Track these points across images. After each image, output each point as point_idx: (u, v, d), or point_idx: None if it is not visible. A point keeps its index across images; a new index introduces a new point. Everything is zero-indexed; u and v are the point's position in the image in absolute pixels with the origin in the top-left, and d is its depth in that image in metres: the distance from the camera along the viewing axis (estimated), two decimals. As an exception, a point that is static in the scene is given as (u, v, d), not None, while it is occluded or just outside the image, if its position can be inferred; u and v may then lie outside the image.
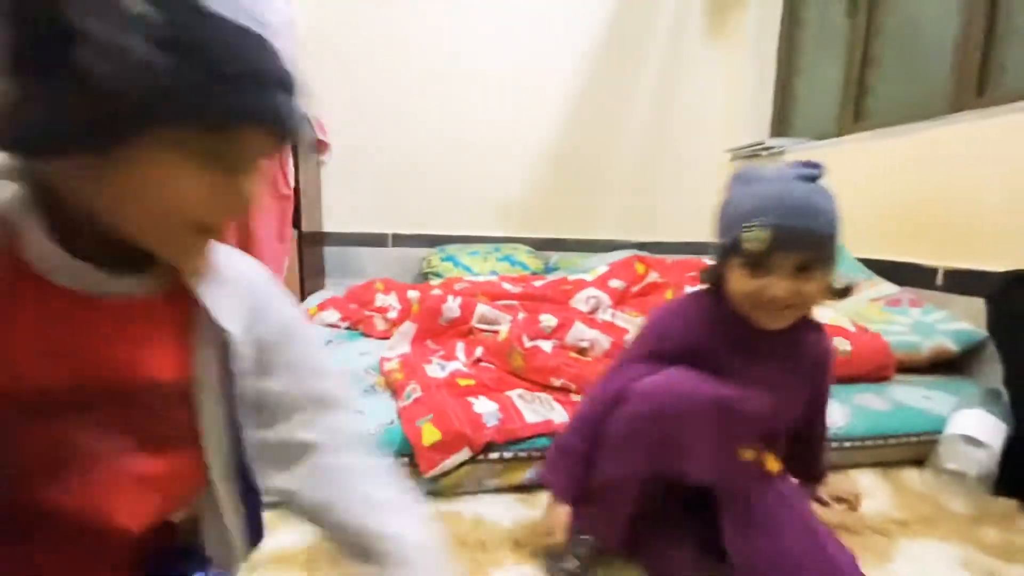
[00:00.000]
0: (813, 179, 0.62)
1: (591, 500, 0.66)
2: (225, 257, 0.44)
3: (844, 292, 0.68)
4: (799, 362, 0.69)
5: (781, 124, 2.49)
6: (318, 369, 0.50)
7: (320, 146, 2.50)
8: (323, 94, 2.47)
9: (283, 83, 0.36)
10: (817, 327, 0.71)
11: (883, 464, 1.03)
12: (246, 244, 2.08)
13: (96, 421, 0.37)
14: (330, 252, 2.60)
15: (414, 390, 0.97)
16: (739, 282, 0.61)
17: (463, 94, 2.56)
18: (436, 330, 1.35)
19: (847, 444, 1.00)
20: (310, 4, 2.41)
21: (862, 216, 1.79)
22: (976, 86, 1.56)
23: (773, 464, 0.65)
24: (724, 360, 0.64)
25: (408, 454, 0.85)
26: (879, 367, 1.25)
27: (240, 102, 0.33)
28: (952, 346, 1.32)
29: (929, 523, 0.85)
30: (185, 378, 0.40)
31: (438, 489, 0.86)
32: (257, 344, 0.45)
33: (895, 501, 0.92)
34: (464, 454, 0.85)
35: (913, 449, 1.03)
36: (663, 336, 0.67)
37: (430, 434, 0.84)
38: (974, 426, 0.97)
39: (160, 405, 0.40)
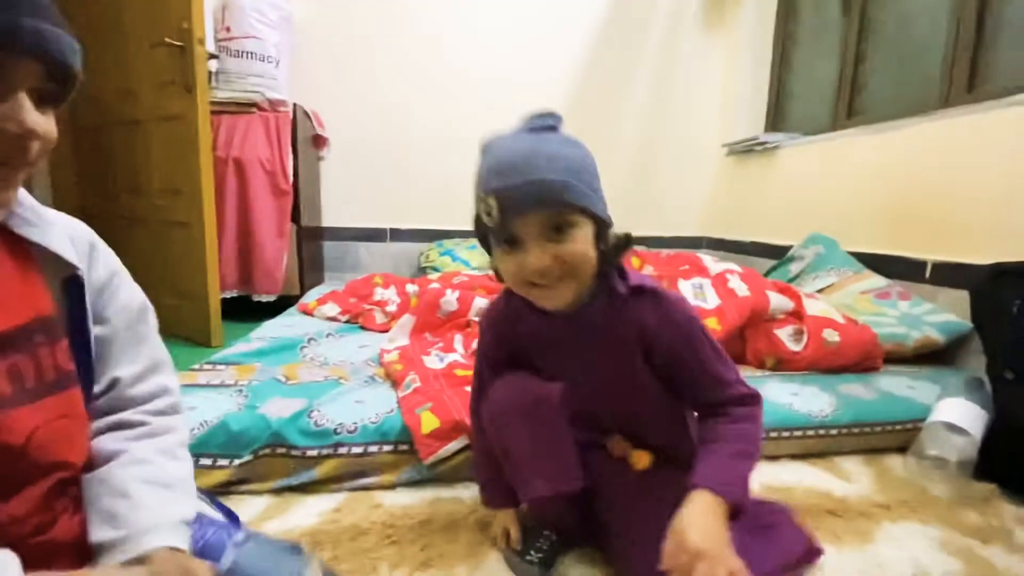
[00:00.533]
0: (545, 129, 0.55)
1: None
2: (44, 209, 0.47)
3: (624, 244, 0.60)
4: (618, 343, 0.62)
5: (776, 119, 2.51)
6: (150, 321, 0.54)
7: (319, 141, 2.52)
8: (322, 91, 2.49)
9: (31, 6, 0.37)
10: (643, 293, 0.61)
11: (867, 451, 1.06)
12: (246, 237, 2.11)
13: (2, 368, 0.40)
14: (329, 247, 2.63)
15: (413, 380, 1.00)
16: (502, 263, 0.57)
17: (460, 89, 2.57)
18: (434, 323, 1.38)
19: (833, 431, 1.04)
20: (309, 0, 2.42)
21: (854, 210, 1.82)
22: (967, 82, 1.58)
23: (640, 458, 0.65)
24: (536, 353, 0.66)
25: (408, 441, 0.88)
26: (866, 358, 1.28)
27: None
28: (938, 337, 1.35)
29: (910, 507, 0.88)
30: (43, 316, 0.44)
31: (438, 475, 0.89)
32: (91, 285, 0.49)
33: (878, 486, 0.95)
34: (462, 441, 0.87)
35: (897, 436, 1.07)
36: (485, 342, 0.71)
37: (429, 422, 0.87)
38: (956, 414, 1.00)
39: (35, 344, 0.42)
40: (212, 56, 1.97)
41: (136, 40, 1.79)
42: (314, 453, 0.86)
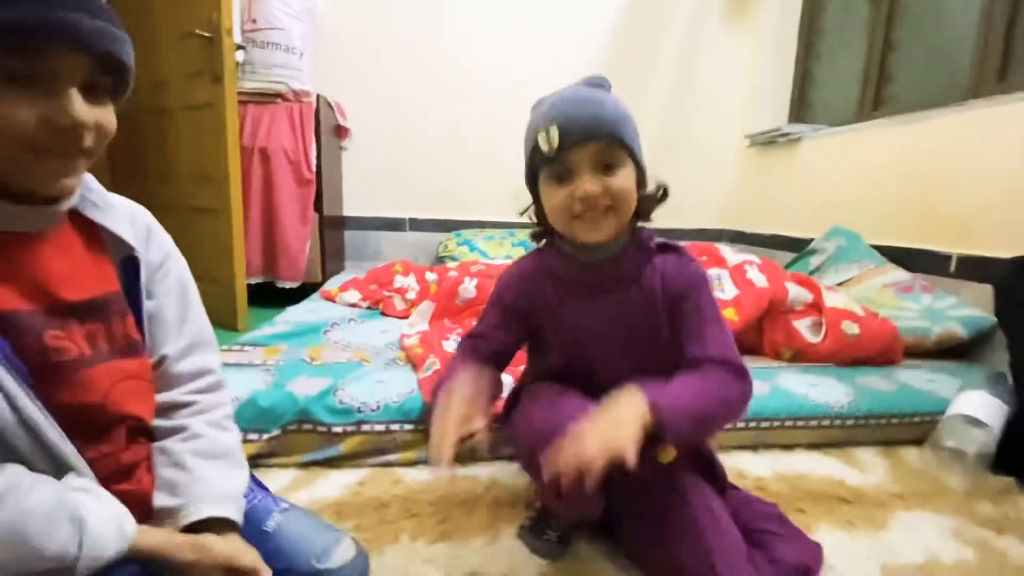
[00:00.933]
0: (598, 86, 0.63)
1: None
2: (109, 194, 0.52)
3: (662, 195, 0.65)
4: (643, 292, 0.63)
5: (800, 110, 2.47)
6: (193, 301, 0.58)
7: (340, 132, 2.56)
8: (344, 81, 2.52)
9: (77, 2, 0.39)
10: (668, 250, 0.66)
11: (884, 443, 1.06)
12: (271, 225, 2.17)
13: (82, 333, 0.45)
14: (350, 236, 2.67)
15: (433, 363, 1.02)
16: (551, 197, 0.60)
17: (479, 82, 2.58)
18: (453, 309, 1.40)
19: (849, 422, 1.04)
20: (331, -9, 2.45)
21: (878, 203, 1.80)
22: (998, 72, 1.54)
23: (667, 454, 0.59)
24: (556, 305, 0.66)
25: (427, 421, 0.91)
26: (886, 351, 1.27)
27: (27, 16, 0.37)
28: (961, 332, 1.34)
29: (925, 497, 0.89)
30: (112, 291, 0.49)
31: (456, 454, 0.91)
32: (146, 265, 0.53)
33: (893, 476, 0.95)
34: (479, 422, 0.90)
35: (915, 429, 1.06)
36: (503, 288, 0.70)
37: (448, 403, 0.90)
38: (976, 406, 0.99)
39: (108, 315, 0.48)
40: (239, 47, 2.01)
41: (167, 31, 1.84)
42: (339, 430, 0.90)
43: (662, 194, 0.66)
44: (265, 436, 0.88)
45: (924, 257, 1.58)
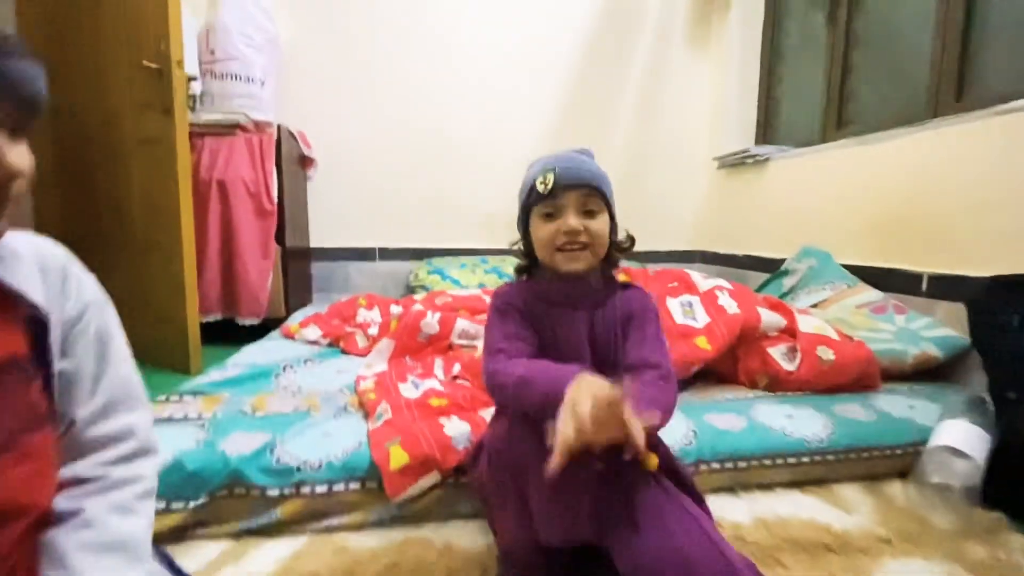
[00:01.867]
0: (586, 153, 0.77)
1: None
2: (22, 237, 0.45)
3: (629, 244, 0.78)
4: (606, 313, 0.74)
5: (766, 131, 2.49)
6: (115, 352, 0.51)
7: (306, 162, 2.50)
8: (309, 111, 2.47)
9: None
10: (631, 287, 0.78)
11: (866, 477, 1.01)
12: (230, 260, 2.08)
13: None
14: (317, 267, 2.59)
15: (384, 411, 0.95)
16: (540, 231, 0.72)
17: (447, 107, 2.56)
18: (415, 347, 1.33)
19: (830, 457, 0.98)
20: (294, 20, 2.42)
21: (847, 222, 1.79)
22: (955, 91, 1.56)
23: (652, 460, 0.63)
24: (542, 314, 0.73)
25: (376, 478, 0.82)
26: (864, 376, 1.23)
27: None
28: (937, 353, 1.31)
29: (913, 540, 0.83)
30: (13, 355, 0.42)
31: (408, 514, 0.83)
32: (61, 322, 0.46)
33: (878, 516, 0.89)
34: (433, 478, 0.82)
35: (898, 461, 1.01)
36: (507, 299, 0.75)
37: (398, 457, 0.82)
38: (959, 437, 0.95)
39: (9, 384, 0.41)
40: (192, 79, 1.95)
41: (116, 63, 1.78)
42: (275, 493, 0.81)
43: (630, 244, 0.78)
44: (192, 505, 0.79)
45: (895, 276, 1.56)
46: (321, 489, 0.82)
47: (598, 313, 0.74)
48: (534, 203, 0.72)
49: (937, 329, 1.35)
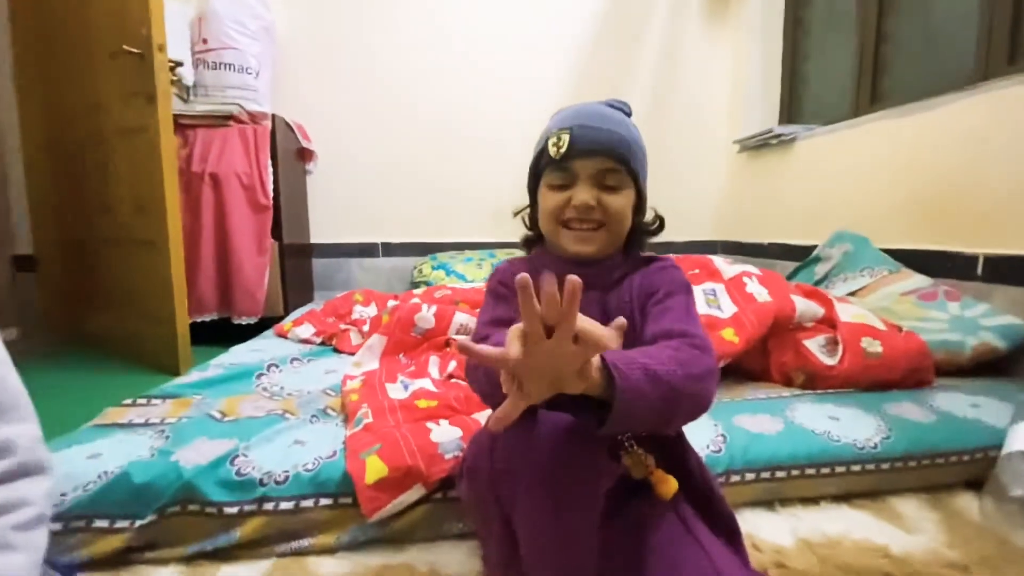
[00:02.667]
0: (619, 109, 0.64)
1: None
2: None
3: (658, 226, 0.66)
4: (622, 294, 0.61)
5: (791, 110, 2.33)
6: None
7: (305, 154, 2.41)
8: (308, 102, 2.38)
9: None
10: (657, 260, 0.64)
11: (929, 488, 0.86)
12: (224, 257, 1.99)
13: None
14: (319, 264, 2.50)
15: (365, 415, 0.83)
16: (547, 200, 0.60)
17: (453, 96, 2.45)
18: (408, 343, 1.21)
19: (884, 466, 0.84)
20: (291, 8, 2.34)
21: (886, 202, 1.62)
22: (1007, 53, 1.39)
23: (665, 481, 0.53)
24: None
25: (352, 493, 0.71)
26: (916, 371, 1.08)
27: None
28: (999, 344, 1.15)
29: (993, 565, 0.68)
30: None
31: (387, 535, 0.72)
32: None
33: (946, 537, 0.75)
34: (416, 492, 0.70)
35: (964, 469, 0.86)
36: (502, 275, 0.64)
37: (375, 469, 0.70)
38: (1040, 441, 0.80)
39: None
40: (176, 64, 1.87)
41: (101, 51, 1.70)
42: (234, 510, 0.70)
43: (657, 225, 0.66)
44: (138, 523, 0.68)
45: (945, 260, 1.40)
46: (287, 506, 0.70)
47: (613, 294, 0.61)
48: (544, 168, 0.61)
49: (998, 317, 1.19)
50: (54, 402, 0.67)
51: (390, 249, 2.52)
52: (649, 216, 0.66)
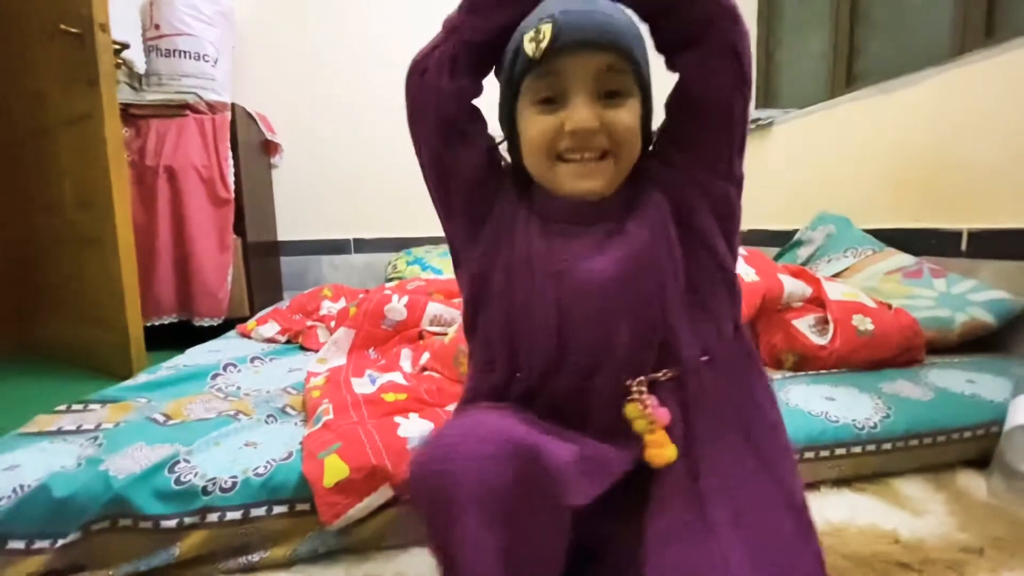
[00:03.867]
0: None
1: None
2: None
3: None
4: (647, 212, 0.45)
5: (767, 96, 2.31)
6: None
7: (269, 147, 2.30)
8: (272, 92, 2.27)
9: None
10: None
11: (932, 468, 0.82)
12: (183, 255, 1.87)
13: None
14: (287, 263, 2.39)
15: (325, 411, 0.75)
16: (531, 126, 0.44)
17: (423, 84, 2.37)
18: (379, 336, 1.13)
19: (886, 446, 0.79)
20: (252, -5, 2.22)
21: (866, 182, 1.60)
22: (984, 26, 1.38)
23: (659, 452, 0.42)
24: (526, 238, 0.46)
25: (309, 499, 0.63)
26: (908, 348, 1.04)
27: None
28: (989, 319, 1.12)
29: (1010, 550, 0.64)
30: None
31: (352, 544, 0.64)
32: None
33: (957, 518, 0.70)
34: (383, 494, 0.63)
35: (967, 447, 0.82)
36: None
37: (334, 470, 0.62)
38: (1044, 414, 0.76)
39: None
40: (122, 46, 1.75)
41: (39, 33, 1.58)
42: (172, 524, 0.61)
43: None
44: (60, 542, 0.59)
45: (928, 237, 1.37)
46: (234, 515, 0.62)
47: (630, 219, 0.45)
48: (521, 75, 0.44)
49: (985, 292, 1.17)
50: None
51: (362, 245, 2.42)
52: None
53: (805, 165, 1.89)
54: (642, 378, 0.44)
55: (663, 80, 0.50)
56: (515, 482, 0.36)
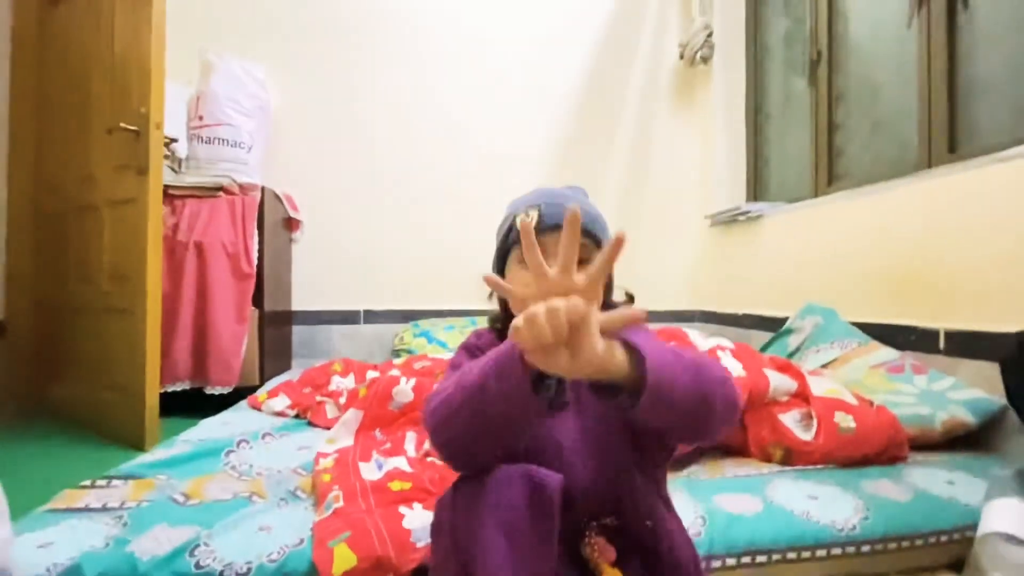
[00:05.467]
0: (578, 190, 0.70)
1: None
2: None
3: (628, 301, 0.67)
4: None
5: (757, 189, 2.47)
6: None
7: (291, 224, 2.46)
8: (297, 173, 2.47)
9: None
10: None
11: (909, 571, 0.85)
12: (203, 325, 1.97)
13: None
14: (299, 331, 2.48)
15: (336, 499, 0.80)
16: (518, 280, 0.61)
17: (437, 168, 2.56)
18: (386, 417, 1.19)
19: (865, 548, 0.83)
20: (287, 86, 2.47)
21: (850, 277, 1.70)
22: (947, 142, 1.53)
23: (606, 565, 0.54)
24: None
25: (317, 583, 0.67)
26: (888, 445, 1.09)
27: None
28: (969, 418, 1.17)
29: (982, 659, 0.66)
30: None
31: None
32: None
33: (934, 626, 0.73)
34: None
35: (944, 551, 0.86)
36: (468, 347, 0.65)
37: (343, 559, 0.67)
38: (1014, 521, 0.80)
39: None
40: (171, 140, 1.94)
41: (98, 126, 1.77)
42: (190, 608, 0.65)
43: (628, 303, 0.67)
44: (85, 624, 0.63)
45: (908, 333, 1.45)
46: (248, 601, 0.66)
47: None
48: (512, 245, 0.62)
49: (964, 391, 1.23)
50: (10, 478, 0.65)
51: (372, 316, 2.52)
52: (618, 296, 0.67)
53: (793, 257, 2.01)
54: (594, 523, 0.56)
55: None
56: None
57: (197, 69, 2.15)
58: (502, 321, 0.67)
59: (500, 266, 0.65)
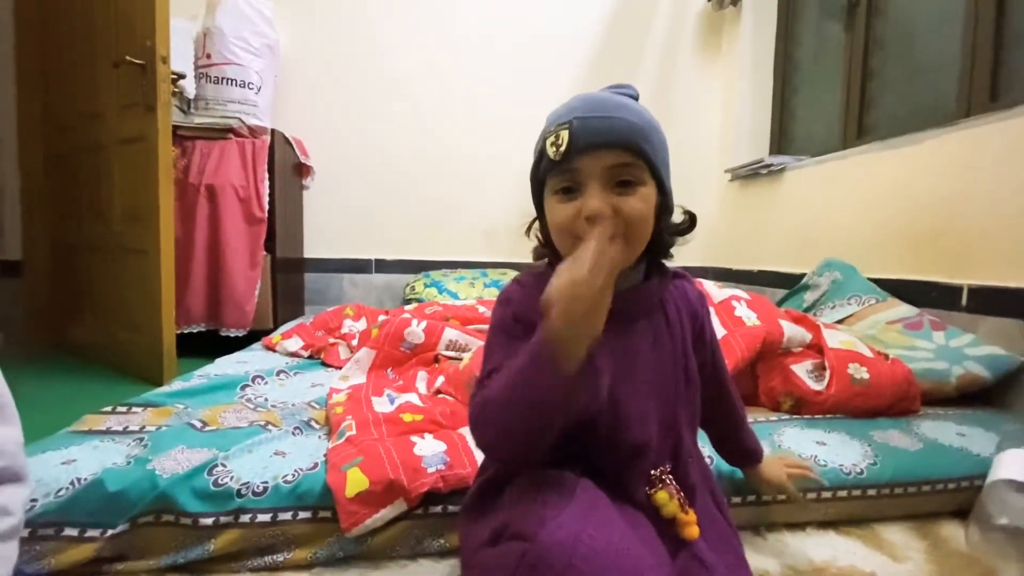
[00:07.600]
0: (626, 95, 0.55)
1: None
2: None
3: (688, 226, 0.59)
4: (670, 319, 0.58)
5: (781, 142, 2.38)
6: None
7: (303, 170, 2.42)
8: (308, 118, 2.41)
9: None
10: (680, 276, 0.63)
11: (915, 516, 0.86)
12: (216, 268, 1.98)
13: None
14: (311, 279, 2.49)
15: (348, 427, 0.82)
16: (555, 213, 0.52)
17: (449, 117, 2.49)
18: (397, 357, 1.21)
19: (871, 492, 0.83)
20: (296, 27, 2.38)
21: (873, 232, 1.65)
22: (989, 90, 1.44)
23: (692, 529, 0.52)
24: None
25: (331, 507, 0.69)
26: (902, 398, 1.08)
27: None
28: (984, 374, 1.16)
29: (981, 596, 0.68)
30: None
31: (366, 551, 0.70)
32: None
33: (934, 566, 0.74)
34: (398, 507, 0.69)
35: (951, 497, 0.86)
36: (508, 304, 0.56)
37: (356, 482, 0.69)
38: (1023, 469, 0.80)
39: None
40: (178, 76, 1.89)
41: (104, 61, 1.72)
42: (209, 521, 0.68)
43: (688, 224, 0.59)
44: (109, 533, 0.66)
45: (930, 290, 1.42)
46: (264, 518, 0.69)
47: (660, 319, 0.57)
48: (545, 174, 0.53)
49: (982, 347, 1.21)
50: (31, 408, 0.66)
51: (383, 266, 2.52)
52: (677, 215, 0.58)
53: (815, 212, 1.95)
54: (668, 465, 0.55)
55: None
56: None
57: (203, 2, 2.07)
58: (545, 254, 0.60)
59: (538, 193, 0.56)
